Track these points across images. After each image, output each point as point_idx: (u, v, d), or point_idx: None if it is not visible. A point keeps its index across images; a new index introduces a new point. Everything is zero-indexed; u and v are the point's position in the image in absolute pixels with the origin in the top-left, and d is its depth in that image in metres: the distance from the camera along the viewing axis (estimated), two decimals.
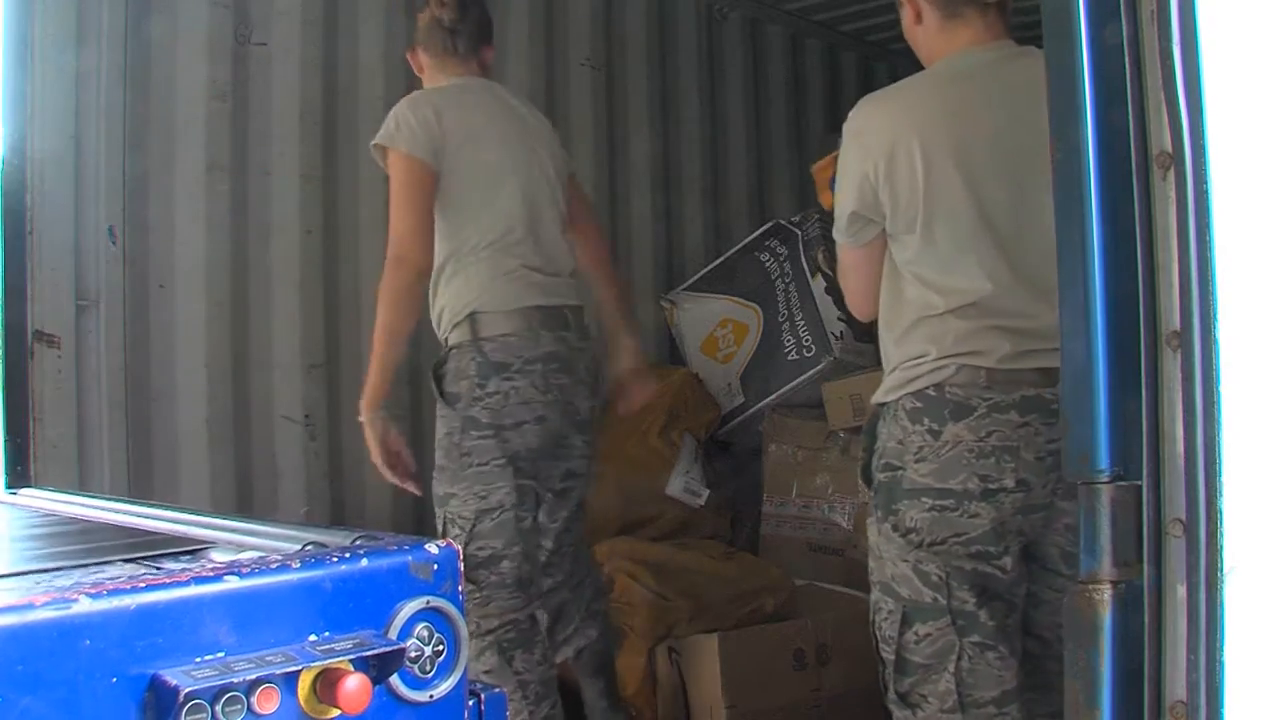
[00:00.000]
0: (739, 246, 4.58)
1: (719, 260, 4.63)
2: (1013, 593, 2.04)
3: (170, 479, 3.37)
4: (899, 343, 2.08)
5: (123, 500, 1.99)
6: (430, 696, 1.17)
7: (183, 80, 3.41)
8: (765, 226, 4.58)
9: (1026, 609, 2.08)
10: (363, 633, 1.13)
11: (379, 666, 1.11)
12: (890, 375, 2.09)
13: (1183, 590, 1.24)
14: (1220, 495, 1.22)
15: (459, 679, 1.18)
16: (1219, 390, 1.22)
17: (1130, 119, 1.28)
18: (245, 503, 3.50)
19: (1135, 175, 1.28)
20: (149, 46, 3.35)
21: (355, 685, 1.08)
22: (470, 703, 1.22)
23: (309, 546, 1.23)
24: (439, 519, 2.81)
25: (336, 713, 1.09)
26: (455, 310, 2.78)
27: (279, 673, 1.05)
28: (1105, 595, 1.28)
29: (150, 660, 1.02)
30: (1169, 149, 1.25)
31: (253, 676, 1.03)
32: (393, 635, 1.14)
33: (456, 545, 1.25)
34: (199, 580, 1.07)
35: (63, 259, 3.17)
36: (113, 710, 1.00)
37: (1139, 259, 1.28)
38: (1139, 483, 1.28)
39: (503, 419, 2.72)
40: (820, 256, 4.20)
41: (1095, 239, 1.31)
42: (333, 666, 1.08)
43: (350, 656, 1.09)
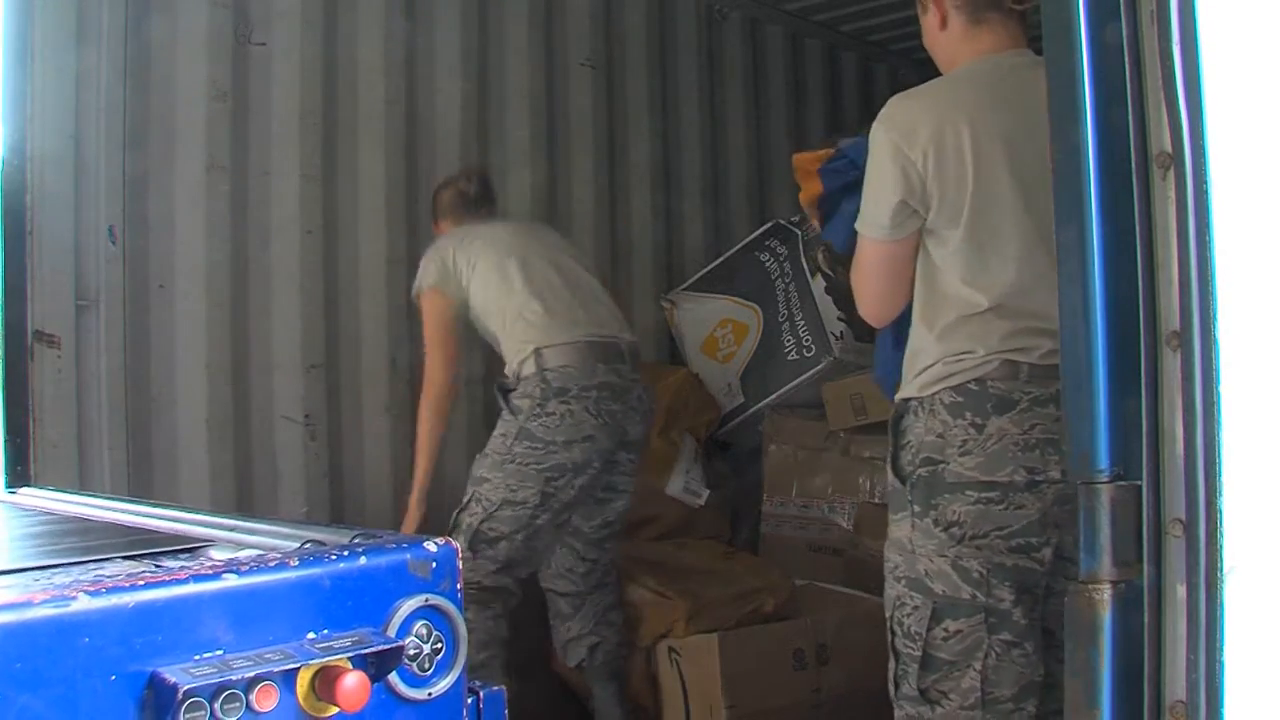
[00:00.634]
0: (739, 246, 4.58)
1: (719, 260, 4.63)
2: (1043, 586, 2.04)
3: (170, 479, 3.37)
4: (941, 338, 2.06)
5: (122, 499, 1.99)
6: (429, 694, 1.17)
7: (183, 80, 3.41)
8: (765, 226, 4.58)
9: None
10: (361, 630, 1.13)
11: (378, 664, 1.11)
12: (925, 371, 2.07)
13: (1183, 590, 1.24)
14: (1220, 495, 1.22)
15: (458, 677, 1.18)
16: (1219, 390, 1.23)
17: (1130, 119, 1.29)
18: (245, 502, 3.50)
19: (1135, 175, 1.28)
20: (149, 46, 3.35)
21: (354, 683, 1.08)
22: (469, 700, 1.22)
23: (308, 544, 1.23)
24: (467, 493, 3.19)
25: (335, 710, 1.09)
26: (519, 350, 3.20)
27: (277, 670, 1.05)
28: (1105, 595, 1.28)
29: (149, 658, 1.02)
30: (1169, 149, 1.26)
31: (251, 674, 1.03)
32: (391, 633, 1.14)
33: (454, 544, 1.25)
34: (198, 578, 1.07)
35: (63, 259, 3.17)
36: (111, 708, 1.00)
37: (1139, 259, 1.29)
38: (1139, 483, 1.28)
39: (555, 436, 3.10)
40: (820, 256, 4.20)
41: (1095, 239, 1.31)
42: (331, 664, 1.08)
43: (349, 654, 1.09)
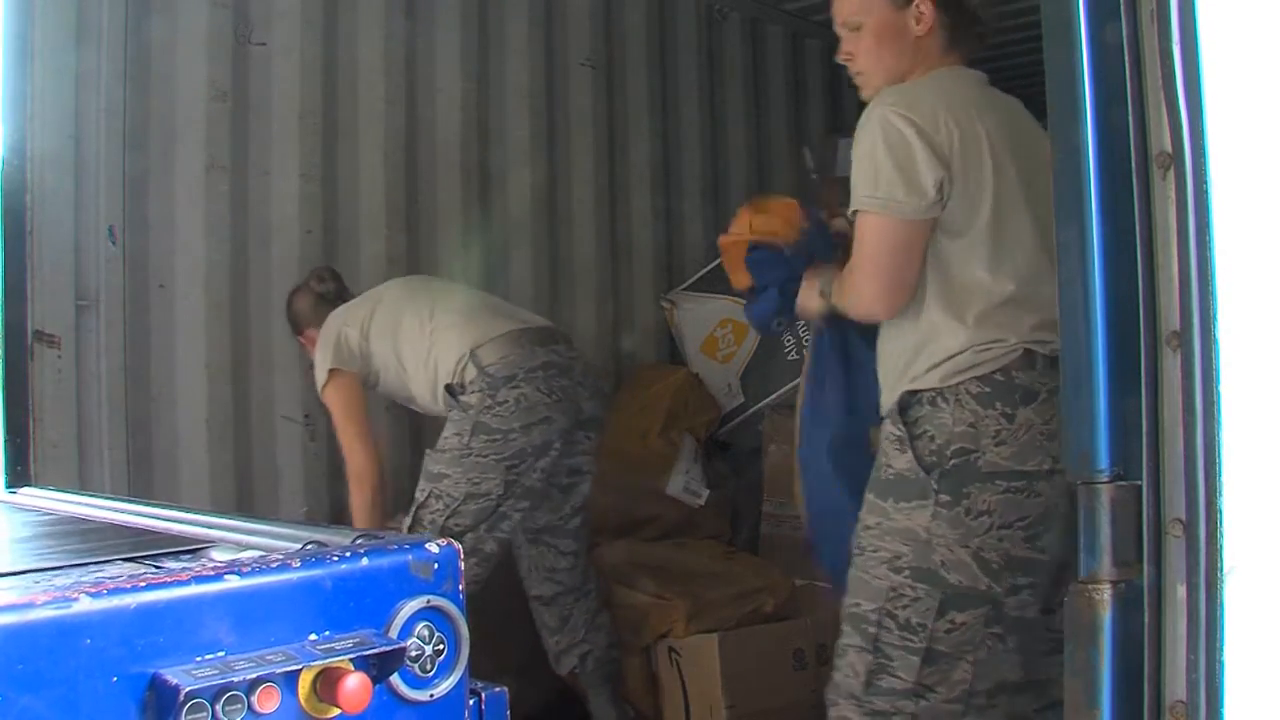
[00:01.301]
0: None
1: (719, 260, 4.62)
2: (1043, 576, 2.03)
3: (170, 479, 3.37)
4: (975, 325, 2.05)
5: (122, 499, 1.99)
6: (431, 695, 1.17)
7: (183, 80, 3.41)
8: None
9: None
10: (363, 632, 1.13)
11: (379, 665, 1.11)
12: (948, 360, 2.05)
13: (1183, 590, 1.24)
14: (1220, 495, 1.22)
15: (460, 678, 1.18)
16: (1219, 390, 1.22)
17: (1130, 119, 1.28)
18: (245, 502, 3.50)
19: (1135, 175, 1.28)
20: (149, 46, 3.35)
21: (355, 684, 1.08)
22: (471, 702, 1.22)
23: (309, 545, 1.23)
24: (422, 491, 3.06)
25: (337, 712, 1.09)
26: (453, 361, 3.08)
27: (279, 672, 1.05)
28: (1105, 595, 1.28)
29: (151, 659, 1.01)
30: (1169, 149, 1.25)
31: (253, 676, 1.03)
32: (393, 634, 1.14)
33: (456, 545, 1.25)
34: (199, 579, 1.07)
35: (63, 259, 3.17)
36: (113, 709, 1.00)
37: (1139, 259, 1.29)
38: (1139, 483, 1.28)
39: (511, 423, 3.01)
40: None
41: (1095, 239, 1.31)
42: (333, 666, 1.08)
43: (351, 656, 1.09)
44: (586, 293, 4.51)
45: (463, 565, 1.21)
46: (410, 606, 1.16)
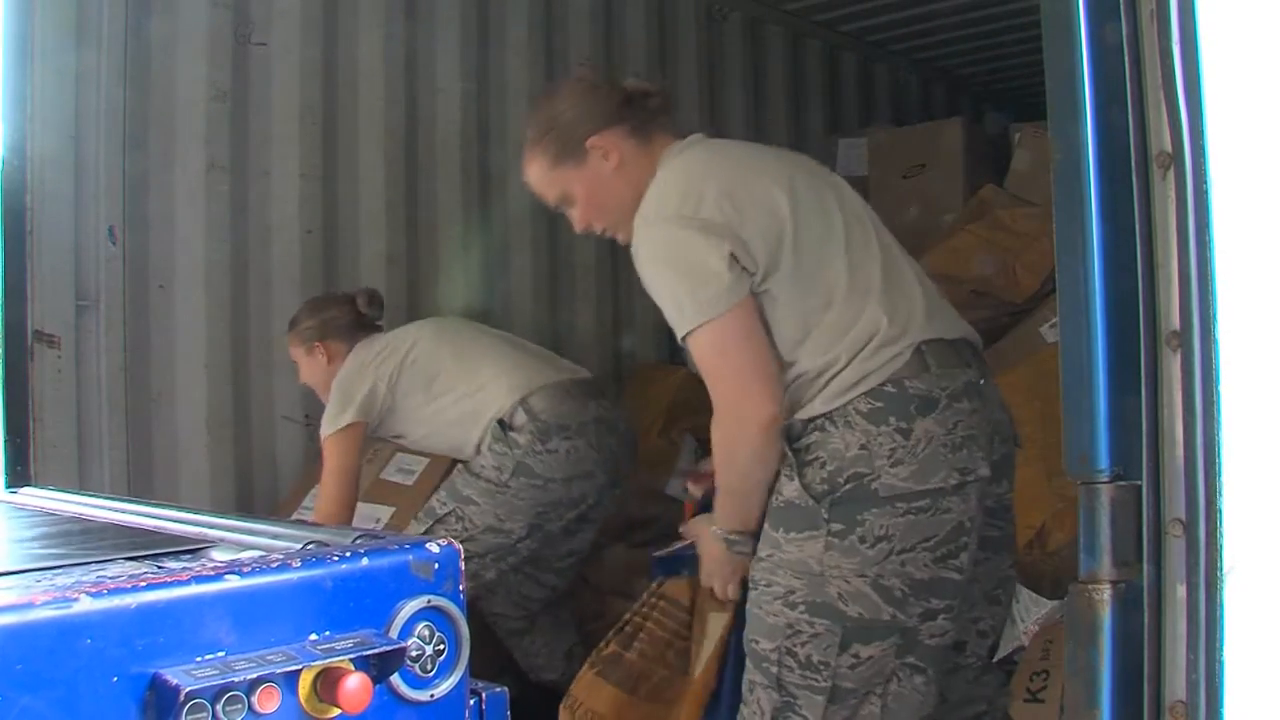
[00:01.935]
0: None
1: None
2: (958, 597, 1.95)
3: (170, 479, 3.38)
4: (827, 350, 1.95)
5: (122, 499, 1.99)
6: (431, 696, 1.17)
7: (183, 80, 3.41)
8: None
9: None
10: (363, 632, 1.13)
11: (380, 666, 1.11)
12: (832, 381, 1.93)
13: (1182, 590, 1.24)
14: (1220, 495, 1.22)
15: (460, 678, 1.18)
16: (1219, 390, 1.22)
17: (1130, 119, 1.28)
18: (245, 502, 3.50)
19: (1135, 175, 1.28)
20: (149, 46, 3.35)
21: (356, 684, 1.08)
22: (471, 702, 1.22)
23: (310, 545, 1.23)
24: (444, 505, 2.99)
25: (337, 712, 1.09)
26: (503, 403, 2.98)
27: (279, 672, 1.05)
28: (1105, 595, 1.28)
29: (151, 659, 1.01)
30: (1169, 149, 1.25)
31: (253, 676, 1.03)
32: (394, 634, 1.14)
33: (456, 546, 1.25)
34: (200, 579, 1.07)
35: (63, 259, 3.18)
36: (113, 709, 1.00)
37: (1139, 258, 1.28)
38: (1139, 483, 1.28)
39: (555, 472, 2.96)
40: None
41: (1095, 239, 1.31)
42: (333, 666, 1.08)
43: (351, 656, 1.09)
44: (586, 293, 4.51)
45: (463, 566, 1.21)
46: (411, 606, 1.16)
